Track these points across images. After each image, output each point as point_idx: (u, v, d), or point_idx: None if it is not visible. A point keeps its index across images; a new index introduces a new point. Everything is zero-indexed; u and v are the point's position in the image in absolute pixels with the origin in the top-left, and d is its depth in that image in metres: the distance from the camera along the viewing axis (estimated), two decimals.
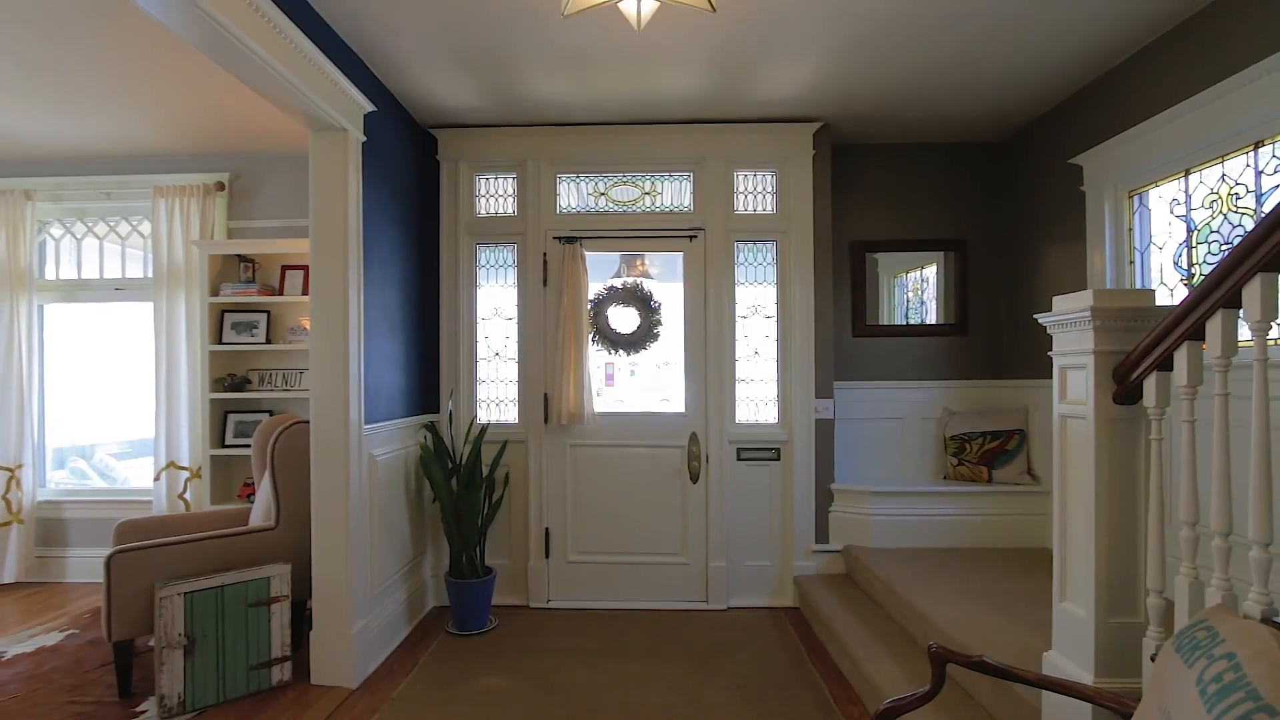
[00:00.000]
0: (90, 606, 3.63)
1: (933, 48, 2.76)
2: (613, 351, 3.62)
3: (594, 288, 3.60)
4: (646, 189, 3.62)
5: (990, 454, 3.53)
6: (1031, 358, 3.52)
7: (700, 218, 3.57)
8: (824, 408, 3.52)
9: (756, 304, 3.61)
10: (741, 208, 3.60)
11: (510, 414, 3.65)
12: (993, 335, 3.84)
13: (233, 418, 3.88)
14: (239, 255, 3.85)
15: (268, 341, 3.84)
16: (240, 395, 3.79)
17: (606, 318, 3.61)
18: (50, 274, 4.16)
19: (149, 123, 3.48)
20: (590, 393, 3.48)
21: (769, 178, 3.61)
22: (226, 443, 3.85)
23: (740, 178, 3.61)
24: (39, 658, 2.99)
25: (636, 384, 3.95)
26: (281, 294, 3.87)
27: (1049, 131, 3.42)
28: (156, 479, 3.84)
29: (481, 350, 3.66)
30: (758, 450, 3.56)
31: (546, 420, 3.56)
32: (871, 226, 3.86)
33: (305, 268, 3.82)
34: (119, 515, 4.04)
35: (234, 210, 3.99)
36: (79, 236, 4.15)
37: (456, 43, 2.70)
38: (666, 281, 3.77)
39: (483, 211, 3.67)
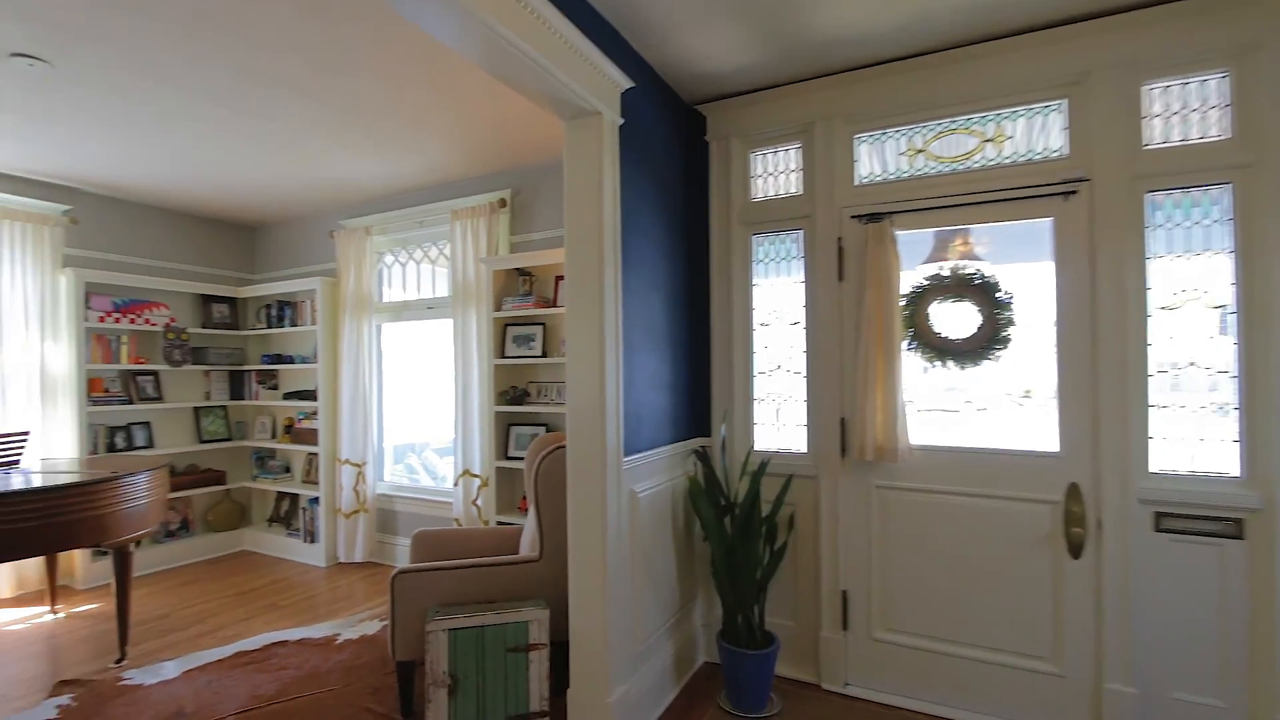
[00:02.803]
0: None
1: None
2: (938, 363, 2.65)
3: (906, 278, 2.68)
4: (988, 134, 2.57)
5: None
6: None
7: (1081, 163, 2.39)
8: None
9: (1189, 285, 2.28)
10: (1156, 138, 2.32)
11: (797, 440, 2.93)
12: None
13: (515, 430, 3.91)
14: (519, 269, 3.87)
15: (543, 354, 3.78)
16: (519, 409, 3.79)
17: (927, 317, 2.66)
18: (387, 297, 4.77)
19: (446, 150, 3.65)
20: (905, 419, 2.58)
21: (1211, 83, 2.25)
22: (509, 454, 3.89)
23: (1153, 93, 2.33)
24: (359, 647, 3.25)
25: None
26: (555, 305, 3.77)
27: None
28: (455, 484, 4.06)
29: (760, 363, 3.02)
30: (1197, 518, 2.24)
31: (844, 453, 2.76)
32: None
33: None
34: (430, 513, 4.46)
35: (515, 225, 4.05)
36: (403, 263, 4.67)
37: None
38: (1002, 263, 2.66)
39: (760, 195, 3.03)
